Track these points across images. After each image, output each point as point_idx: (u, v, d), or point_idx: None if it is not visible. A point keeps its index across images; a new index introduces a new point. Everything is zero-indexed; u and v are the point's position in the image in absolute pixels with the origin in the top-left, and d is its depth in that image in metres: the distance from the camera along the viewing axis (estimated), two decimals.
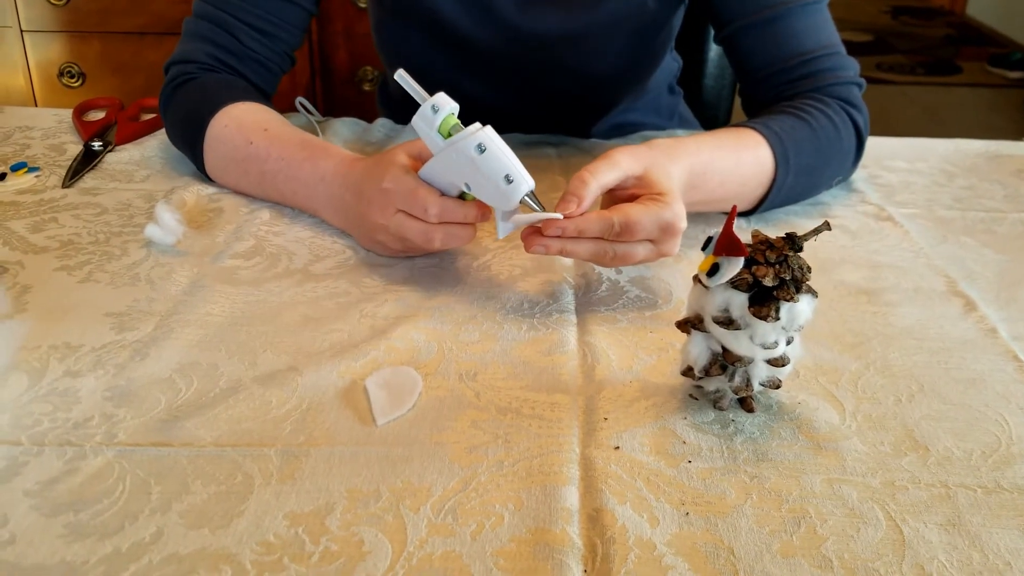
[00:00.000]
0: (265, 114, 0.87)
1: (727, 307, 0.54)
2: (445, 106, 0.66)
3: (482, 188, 0.66)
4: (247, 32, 0.92)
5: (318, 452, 0.53)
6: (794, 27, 0.88)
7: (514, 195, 0.65)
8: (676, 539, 0.48)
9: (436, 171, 0.68)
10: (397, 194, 0.69)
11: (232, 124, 0.85)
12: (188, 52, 0.93)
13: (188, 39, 0.95)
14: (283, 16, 0.94)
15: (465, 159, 0.65)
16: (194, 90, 0.90)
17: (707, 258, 0.54)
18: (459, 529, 0.48)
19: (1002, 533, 0.49)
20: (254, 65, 0.94)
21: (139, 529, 0.48)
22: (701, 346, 0.57)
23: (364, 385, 0.59)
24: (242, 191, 0.87)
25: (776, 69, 0.90)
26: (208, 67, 0.92)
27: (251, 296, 0.70)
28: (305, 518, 0.49)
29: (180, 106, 0.91)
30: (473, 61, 0.99)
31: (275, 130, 0.84)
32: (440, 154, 0.67)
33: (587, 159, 0.98)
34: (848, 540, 0.48)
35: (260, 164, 0.83)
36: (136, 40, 1.89)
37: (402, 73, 0.67)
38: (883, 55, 4.32)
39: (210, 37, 0.92)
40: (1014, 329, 0.68)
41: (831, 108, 0.86)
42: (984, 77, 4.07)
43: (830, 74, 0.88)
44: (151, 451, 0.53)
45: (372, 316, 0.68)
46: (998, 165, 1.02)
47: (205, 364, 0.62)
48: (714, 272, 0.53)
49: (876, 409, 0.58)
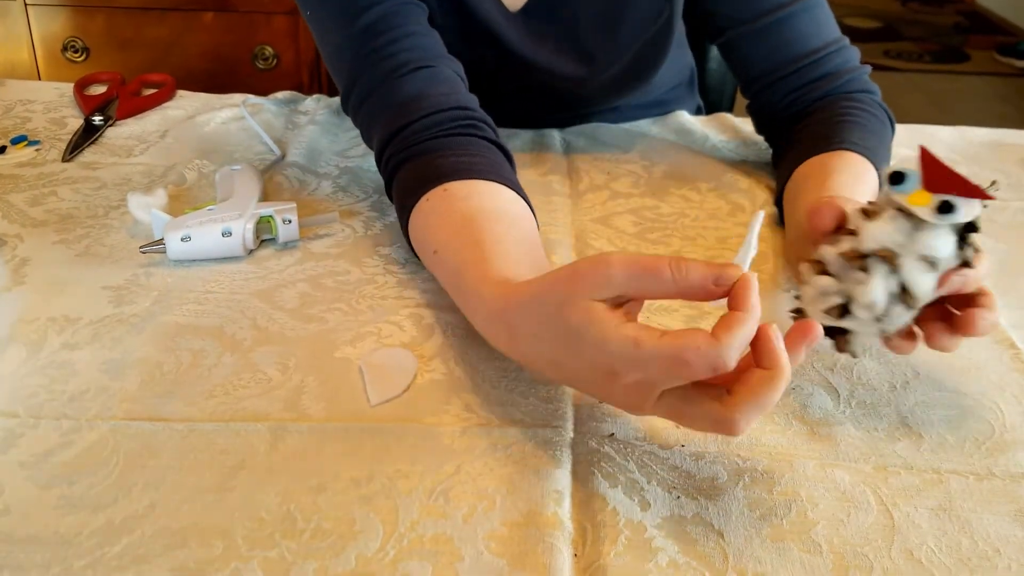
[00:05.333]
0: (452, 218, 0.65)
1: (934, 250, 0.51)
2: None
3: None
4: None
5: (312, 430, 0.54)
6: (797, 29, 0.86)
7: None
8: (667, 522, 0.48)
9: None
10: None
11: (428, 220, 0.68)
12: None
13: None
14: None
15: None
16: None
17: (919, 192, 0.50)
18: (451, 511, 0.48)
19: (992, 519, 0.49)
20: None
21: (132, 502, 0.48)
22: (881, 286, 0.51)
23: (359, 365, 0.60)
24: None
25: (785, 73, 0.87)
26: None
27: (250, 273, 0.70)
28: (297, 495, 0.49)
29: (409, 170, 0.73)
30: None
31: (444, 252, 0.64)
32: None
33: (592, 143, 0.98)
34: (838, 524, 0.48)
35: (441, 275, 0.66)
36: (140, 15, 1.89)
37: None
38: (891, 42, 4.30)
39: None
40: (1012, 317, 0.68)
41: (864, 103, 0.84)
42: (992, 66, 4.05)
43: (843, 70, 0.86)
44: (146, 425, 0.54)
45: (371, 296, 0.68)
46: (1002, 153, 1.01)
47: (202, 339, 0.62)
48: (947, 210, 0.50)
49: (871, 395, 0.58)
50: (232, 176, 0.80)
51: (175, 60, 1.91)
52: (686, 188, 0.88)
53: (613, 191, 0.87)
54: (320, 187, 0.86)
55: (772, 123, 0.92)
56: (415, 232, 0.68)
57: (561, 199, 0.85)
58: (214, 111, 1.02)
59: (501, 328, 0.55)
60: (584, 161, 0.94)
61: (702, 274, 0.46)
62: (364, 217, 0.80)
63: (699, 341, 0.44)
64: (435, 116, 0.74)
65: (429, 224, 0.66)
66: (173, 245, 0.70)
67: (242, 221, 0.71)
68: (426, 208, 0.67)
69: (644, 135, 1.00)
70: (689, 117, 1.03)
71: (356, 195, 0.84)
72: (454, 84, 0.79)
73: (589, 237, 0.78)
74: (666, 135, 1.01)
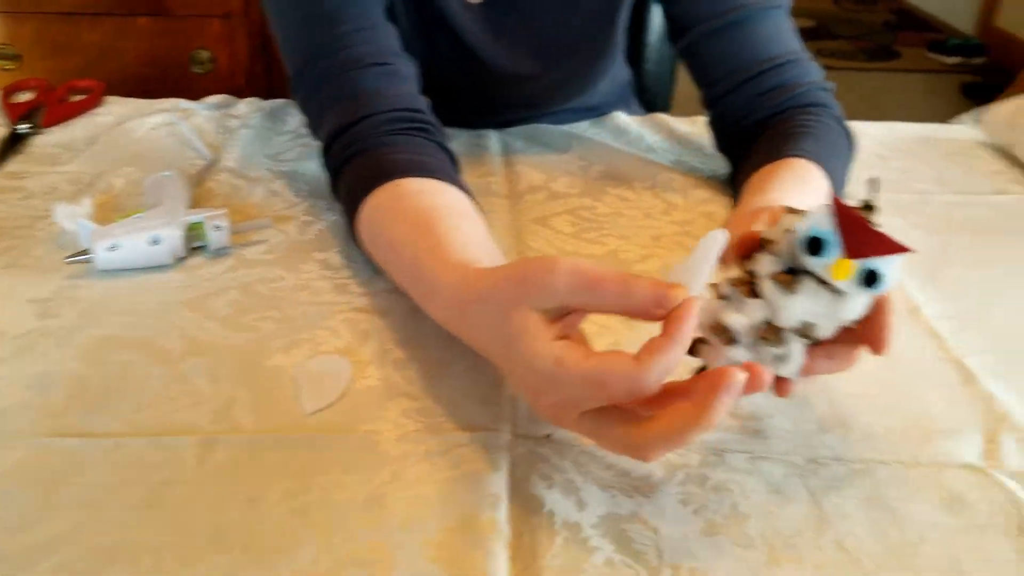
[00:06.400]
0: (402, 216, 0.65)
1: (853, 314, 0.48)
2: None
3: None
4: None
5: (244, 442, 0.53)
6: (758, 32, 0.85)
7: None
8: (603, 521, 0.48)
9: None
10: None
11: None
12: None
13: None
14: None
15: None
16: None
17: (840, 262, 0.46)
18: (386, 520, 0.48)
19: (919, 508, 0.50)
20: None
21: (59, 521, 0.47)
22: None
23: (293, 374, 0.59)
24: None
25: (746, 77, 0.85)
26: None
27: (180, 282, 0.69)
28: (228, 510, 0.48)
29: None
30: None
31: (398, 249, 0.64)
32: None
33: (530, 144, 0.99)
34: (770, 517, 0.49)
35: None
36: (72, 21, 1.85)
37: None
38: (825, 41, 4.37)
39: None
40: (937, 308, 0.69)
41: (821, 116, 0.83)
42: (923, 63, 4.14)
43: (805, 82, 0.85)
44: (73, 441, 0.52)
45: (305, 303, 0.67)
46: (930, 148, 1.03)
47: (130, 352, 0.60)
48: (873, 281, 0.46)
49: (801, 387, 0.59)
50: (162, 183, 0.79)
51: (110, 65, 1.87)
52: (622, 188, 0.88)
53: (551, 191, 0.87)
54: (253, 192, 0.85)
55: (733, 135, 0.89)
56: (365, 226, 0.68)
57: (500, 200, 0.85)
58: (144, 117, 1.00)
59: (459, 317, 0.55)
60: (522, 162, 0.94)
61: (646, 295, 0.45)
62: (298, 221, 0.79)
63: (621, 366, 0.44)
64: (387, 115, 0.74)
65: (382, 218, 0.66)
66: (100, 255, 0.69)
67: (171, 228, 0.70)
68: (377, 203, 0.67)
69: (581, 136, 1.01)
70: (625, 118, 1.04)
71: (290, 199, 0.83)
72: (409, 84, 0.79)
73: (528, 238, 0.78)
74: (603, 136, 1.01)
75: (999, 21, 4.24)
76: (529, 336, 0.47)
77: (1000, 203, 0.89)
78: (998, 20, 4.25)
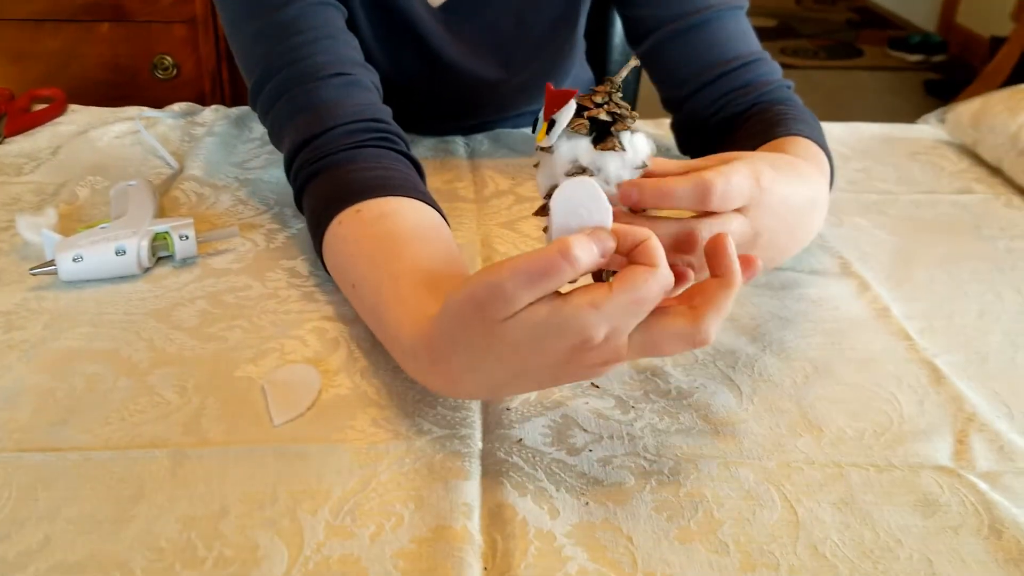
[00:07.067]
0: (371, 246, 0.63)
1: (575, 158, 0.54)
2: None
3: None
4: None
5: (212, 454, 0.52)
6: (721, 32, 0.85)
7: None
8: (576, 529, 0.48)
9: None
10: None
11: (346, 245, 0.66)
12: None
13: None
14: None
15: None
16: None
17: (541, 128, 0.54)
18: (358, 531, 0.47)
19: (893, 511, 0.50)
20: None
21: (26, 537, 0.46)
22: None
23: (261, 384, 0.58)
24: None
25: (710, 78, 0.85)
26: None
27: (146, 292, 0.68)
28: (198, 522, 0.47)
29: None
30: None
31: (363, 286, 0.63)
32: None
33: (495, 148, 0.99)
34: (744, 523, 0.49)
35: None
36: (33, 27, 1.82)
37: None
38: (787, 40, 4.41)
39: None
40: (905, 309, 0.70)
41: (796, 107, 0.83)
42: (884, 60, 4.19)
43: (770, 80, 0.85)
44: (38, 456, 0.52)
45: (273, 312, 0.66)
46: (892, 148, 1.04)
47: (96, 364, 0.60)
48: (552, 127, 0.53)
49: (773, 391, 0.60)
50: (127, 192, 0.78)
51: (73, 72, 1.84)
52: None
53: (518, 195, 0.87)
54: (219, 200, 0.84)
55: (698, 135, 0.89)
56: (331, 258, 0.66)
57: (467, 205, 0.85)
58: (108, 125, 0.99)
59: (423, 363, 0.53)
60: (488, 166, 0.93)
61: (592, 252, 0.46)
62: (265, 230, 0.78)
63: (642, 274, 0.46)
64: (349, 126, 0.72)
65: (345, 251, 0.64)
66: (65, 266, 0.68)
67: (136, 238, 0.69)
68: (340, 233, 0.65)
69: None
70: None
71: (257, 207, 0.83)
72: (370, 94, 0.77)
73: (495, 242, 0.78)
74: None
75: (959, 18, 4.30)
76: (542, 319, 0.46)
77: (965, 202, 0.90)
78: (958, 16, 4.31)
